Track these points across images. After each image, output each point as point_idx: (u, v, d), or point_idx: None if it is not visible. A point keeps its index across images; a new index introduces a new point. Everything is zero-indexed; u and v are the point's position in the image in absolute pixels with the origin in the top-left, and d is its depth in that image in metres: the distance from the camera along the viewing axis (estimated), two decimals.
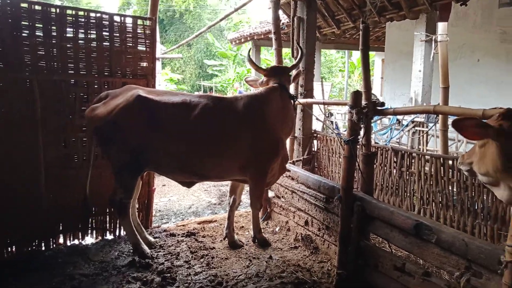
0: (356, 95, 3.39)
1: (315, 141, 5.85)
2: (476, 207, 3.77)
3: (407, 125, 6.41)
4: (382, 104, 3.43)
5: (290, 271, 3.58)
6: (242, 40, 13.70)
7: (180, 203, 6.12)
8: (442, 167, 4.02)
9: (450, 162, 3.99)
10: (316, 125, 7.79)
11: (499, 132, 1.95)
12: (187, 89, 24.88)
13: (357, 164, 3.44)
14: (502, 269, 2.27)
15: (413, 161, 4.24)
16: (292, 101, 3.91)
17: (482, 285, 2.48)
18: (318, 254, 3.97)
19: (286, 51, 11.08)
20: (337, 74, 26.16)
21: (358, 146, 3.49)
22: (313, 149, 5.75)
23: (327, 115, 9.22)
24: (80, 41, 4.03)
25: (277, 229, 4.59)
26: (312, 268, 3.73)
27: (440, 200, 4.01)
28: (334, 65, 26.94)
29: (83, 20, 4.01)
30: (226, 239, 4.10)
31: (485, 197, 3.76)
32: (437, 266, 2.81)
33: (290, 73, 4.08)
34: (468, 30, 8.15)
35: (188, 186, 3.75)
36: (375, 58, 15.45)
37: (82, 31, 4.03)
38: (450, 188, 3.94)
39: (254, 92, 3.94)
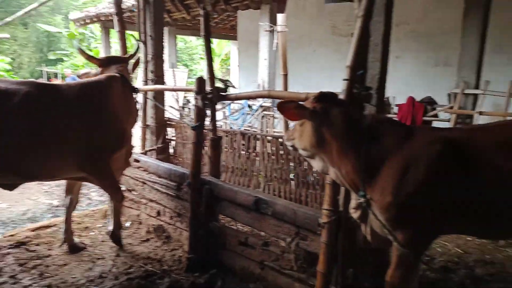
0: (200, 81, 3.42)
1: (170, 129, 5.75)
2: (308, 180, 4.29)
3: (256, 110, 6.89)
4: (225, 89, 3.54)
5: (139, 266, 3.46)
6: (88, 21, 12.37)
7: (12, 210, 5.22)
8: (281, 146, 4.44)
9: None
10: (177, 113, 7.68)
11: (312, 113, 2.21)
12: (27, 76, 21.46)
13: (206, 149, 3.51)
14: (321, 230, 2.64)
15: (257, 142, 4.56)
16: (134, 92, 3.71)
17: (308, 246, 2.83)
18: (171, 243, 3.94)
19: None
20: (198, 61, 26.24)
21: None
22: (167, 137, 5.63)
23: (185, 103, 9.18)
24: None
25: (127, 224, 4.37)
26: (163, 258, 3.69)
27: (280, 176, 4.43)
28: (195, 52, 26.93)
29: None
30: (66, 243, 3.70)
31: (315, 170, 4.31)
32: (274, 236, 3.09)
33: (129, 62, 3.85)
34: (306, 22, 9.12)
35: (9, 189, 3.20)
36: (232, 46, 16.04)
37: None
38: (288, 164, 4.39)
39: (91, 79, 3.57)
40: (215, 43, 21.66)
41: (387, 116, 2.45)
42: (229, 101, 7.31)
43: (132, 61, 3.92)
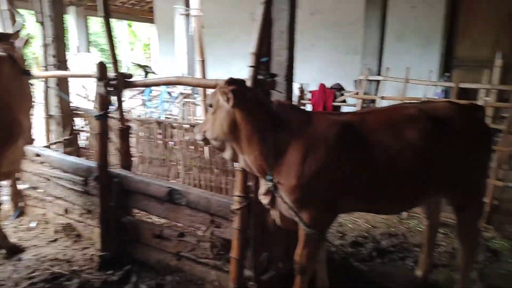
0: (102, 66, 3.17)
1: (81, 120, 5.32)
2: (227, 167, 4.30)
3: (177, 97, 6.69)
4: (130, 75, 3.34)
5: (44, 268, 3.18)
6: None
7: None
8: None
9: None
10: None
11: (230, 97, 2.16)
12: None
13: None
14: (233, 216, 2.65)
15: (174, 131, 4.42)
16: (26, 75, 3.33)
17: (223, 233, 2.83)
18: (82, 242, 3.69)
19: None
20: (119, 46, 24.66)
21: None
22: (75, 129, 5.21)
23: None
24: None
25: (32, 225, 3.99)
26: (73, 258, 3.43)
27: (199, 164, 4.37)
28: (115, 36, 25.22)
29: None
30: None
31: None
32: (189, 226, 3.03)
33: (13, 41, 3.42)
34: (226, 7, 9.00)
35: None
36: (153, 30, 15.30)
37: None
38: (206, 152, 4.34)
39: None
40: (136, 26, 20.50)
41: (290, 102, 2.51)
42: (148, 88, 7.00)
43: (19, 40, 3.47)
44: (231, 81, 2.28)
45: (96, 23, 20.68)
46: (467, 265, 2.72)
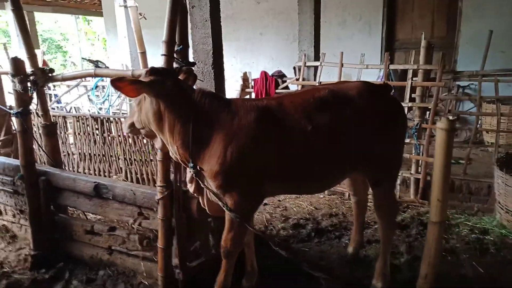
0: (15, 62, 3.05)
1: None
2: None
3: None
4: (52, 70, 3.23)
5: None
6: None
7: None
8: None
9: None
10: None
11: (148, 85, 2.16)
12: None
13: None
14: (157, 206, 2.66)
15: (112, 125, 4.34)
16: None
17: (150, 224, 2.83)
18: (16, 242, 3.58)
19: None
20: (75, 42, 23.71)
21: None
22: (13, 128, 5.01)
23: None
24: None
25: None
26: (6, 259, 3.34)
27: (140, 158, 4.32)
28: (69, 32, 24.23)
29: None
30: None
31: None
32: (118, 219, 3.01)
33: None
34: None
35: None
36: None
37: None
38: (147, 145, 4.30)
39: None
40: (95, 20, 19.78)
41: (211, 91, 2.52)
42: (94, 84, 6.81)
43: None
44: (152, 71, 2.25)
45: (48, 20, 19.86)
46: (387, 238, 2.85)
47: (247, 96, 5.29)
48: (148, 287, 2.84)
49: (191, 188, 2.48)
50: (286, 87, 5.18)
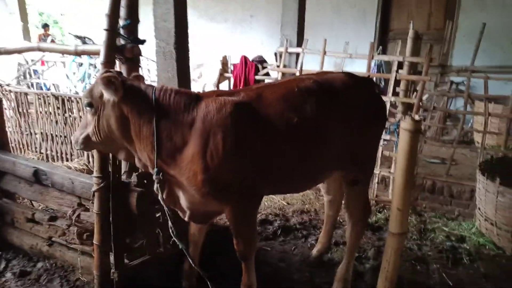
0: None
1: None
2: None
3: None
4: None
5: None
6: None
7: None
8: None
9: None
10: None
11: (113, 90, 1.88)
12: None
13: None
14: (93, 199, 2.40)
15: (73, 105, 4.05)
16: None
17: (89, 217, 2.58)
18: None
19: None
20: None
21: None
22: None
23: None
24: None
25: None
26: None
27: None
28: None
29: None
30: None
31: None
32: (57, 209, 2.77)
33: None
34: None
35: None
36: None
37: None
38: None
39: None
40: None
41: (174, 87, 2.15)
42: (71, 61, 6.52)
43: None
44: (110, 75, 1.91)
45: None
46: (355, 239, 2.63)
47: (226, 81, 4.99)
48: (85, 284, 2.61)
49: (159, 196, 2.07)
50: (267, 74, 4.88)
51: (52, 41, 10.42)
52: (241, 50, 6.57)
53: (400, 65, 3.88)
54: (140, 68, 2.66)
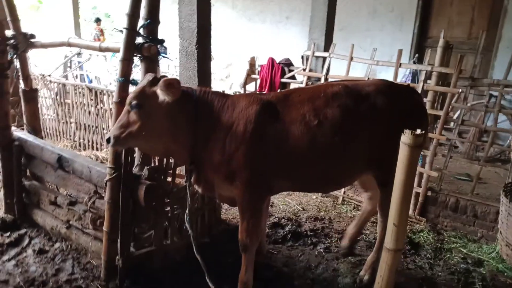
0: None
1: None
2: None
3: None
4: (32, 36, 3.18)
5: None
6: None
7: None
8: None
9: None
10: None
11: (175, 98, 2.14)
12: None
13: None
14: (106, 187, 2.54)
15: (104, 98, 4.28)
16: None
17: (103, 204, 2.73)
18: None
19: None
20: None
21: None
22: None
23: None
24: None
25: None
26: None
27: None
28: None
29: None
30: None
31: None
32: (76, 195, 2.96)
33: None
34: None
35: None
36: None
37: None
38: None
39: None
40: None
41: (210, 89, 2.49)
42: (112, 54, 6.83)
43: None
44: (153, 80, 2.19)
45: None
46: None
47: (253, 82, 5.03)
48: (94, 268, 2.77)
49: (198, 188, 2.49)
50: (293, 77, 4.86)
51: (102, 34, 10.98)
52: (274, 52, 6.60)
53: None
54: (158, 66, 2.78)
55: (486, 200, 3.73)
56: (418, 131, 1.78)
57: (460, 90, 3.48)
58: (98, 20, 11.00)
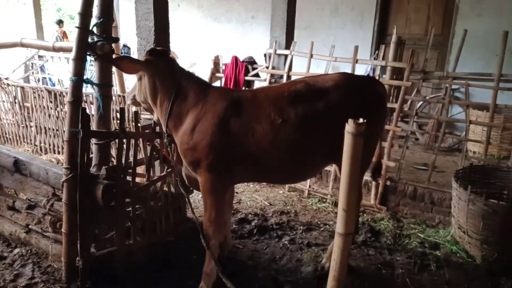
0: None
1: None
2: None
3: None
4: None
5: None
6: None
7: None
8: None
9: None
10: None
11: (145, 64, 2.47)
12: None
13: None
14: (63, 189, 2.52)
15: (65, 100, 4.20)
16: None
17: (62, 206, 2.70)
18: None
19: None
20: None
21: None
22: None
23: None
24: None
25: None
26: None
27: None
28: None
29: None
30: None
31: None
32: (34, 198, 2.90)
33: None
34: None
35: None
36: None
37: None
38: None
39: None
40: None
41: (197, 76, 2.66)
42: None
43: None
44: (151, 51, 2.53)
45: None
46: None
47: (218, 81, 5.07)
48: (56, 271, 2.73)
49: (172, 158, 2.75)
50: (256, 75, 4.94)
51: (65, 36, 10.71)
52: (240, 51, 6.66)
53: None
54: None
55: (442, 187, 3.92)
56: (361, 120, 1.87)
57: (411, 83, 3.64)
58: (60, 22, 10.73)
